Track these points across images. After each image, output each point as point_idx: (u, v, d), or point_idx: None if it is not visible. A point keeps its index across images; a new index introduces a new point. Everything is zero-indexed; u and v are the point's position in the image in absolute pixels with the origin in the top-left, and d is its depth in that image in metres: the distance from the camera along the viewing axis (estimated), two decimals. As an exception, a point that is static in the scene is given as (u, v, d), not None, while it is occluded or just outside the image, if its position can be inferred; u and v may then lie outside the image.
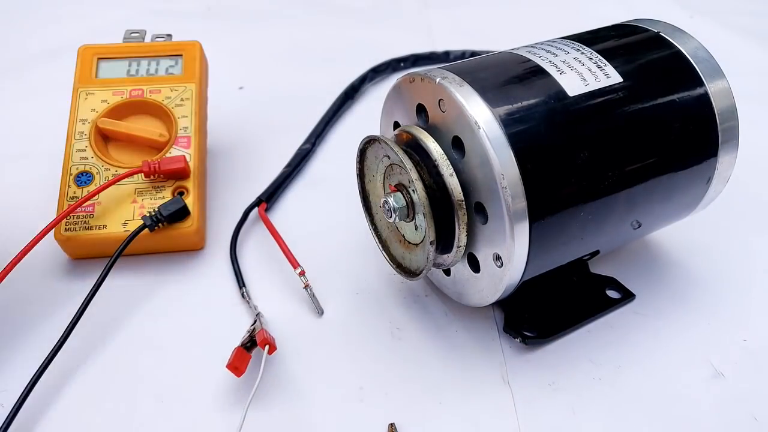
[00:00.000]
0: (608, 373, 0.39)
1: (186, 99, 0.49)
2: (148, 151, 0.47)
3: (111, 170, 0.46)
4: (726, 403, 0.37)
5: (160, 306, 0.43)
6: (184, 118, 0.48)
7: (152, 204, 0.45)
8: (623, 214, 0.37)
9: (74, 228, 0.44)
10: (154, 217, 0.43)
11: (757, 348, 0.40)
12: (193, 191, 0.46)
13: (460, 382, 0.38)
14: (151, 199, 0.45)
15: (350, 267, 0.46)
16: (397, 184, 0.37)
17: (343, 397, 0.37)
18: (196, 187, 0.46)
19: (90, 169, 0.46)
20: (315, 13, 0.85)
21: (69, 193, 0.45)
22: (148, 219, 0.43)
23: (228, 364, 0.36)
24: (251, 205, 0.50)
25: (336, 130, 0.62)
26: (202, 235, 0.47)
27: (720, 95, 0.38)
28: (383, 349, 0.40)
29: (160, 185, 0.46)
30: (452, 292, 0.41)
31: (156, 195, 0.45)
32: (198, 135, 0.48)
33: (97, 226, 0.44)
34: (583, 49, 0.38)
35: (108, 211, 0.45)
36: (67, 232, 0.44)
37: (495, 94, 0.33)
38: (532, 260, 0.34)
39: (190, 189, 0.46)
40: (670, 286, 0.44)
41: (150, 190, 0.45)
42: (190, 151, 0.47)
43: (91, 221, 0.44)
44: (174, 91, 0.49)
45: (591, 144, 0.34)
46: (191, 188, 0.46)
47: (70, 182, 0.45)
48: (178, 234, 0.44)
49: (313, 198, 0.53)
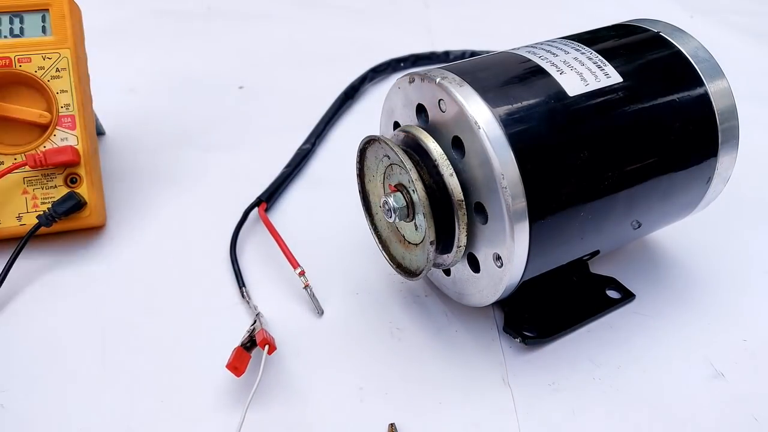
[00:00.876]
0: (608, 373, 0.39)
1: (62, 69, 0.44)
2: (30, 130, 0.44)
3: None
4: (726, 403, 0.37)
5: (160, 306, 0.43)
6: (64, 93, 0.44)
7: (45, 194, 0.44)
8: (623, 214, 0.37)
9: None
10: (49, 215, 0.42)
11: (757, 348, 0.40)
12: (86, 177, 0.44)
13: (460, 382, 0.38)
14: (43, 189, 0.44)
15: (350, 267, 0.46)
16: (397, 184, 0.37)
17: (343, 397, 0.37)
18: (89, 173, 0.44)
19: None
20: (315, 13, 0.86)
21: None
22: (43, 218, 0.43)
23: (228, 364, 0.36)
24: (251, 205, 0.50)
25: (336, 130, 0.62)
26: (101, 215, 0.46)
27: (720, 95, 0.38)
28: (383, 349, 0.40)
29: (50, 173, 0.44)
30: (452, 292, 0.41)
31: (47, 184, 0.44)
32: (82, 112, 0.45)
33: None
34: (583, 49, 0.38)
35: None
36: None
37: (495, 94, 0.33)
38: (532, 260, 0.34)
39: (83, 175, 0.44)
40: (670, 286, 0.44)
41: (40, 179, 0.44)
42: (77, 133, 0.44)
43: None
44: (47, 59, 0.44)
45: (591, 144, 0.34)
46: (84, 174, 0.44)
47: None
48: (77, 222, 0.44)
49: (313, 198, 0.53)
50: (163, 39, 0.79)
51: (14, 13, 0.45)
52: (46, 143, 0.44)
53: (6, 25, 0.45)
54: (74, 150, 0.44)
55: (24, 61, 0.44)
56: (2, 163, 0.44)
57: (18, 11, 0.45)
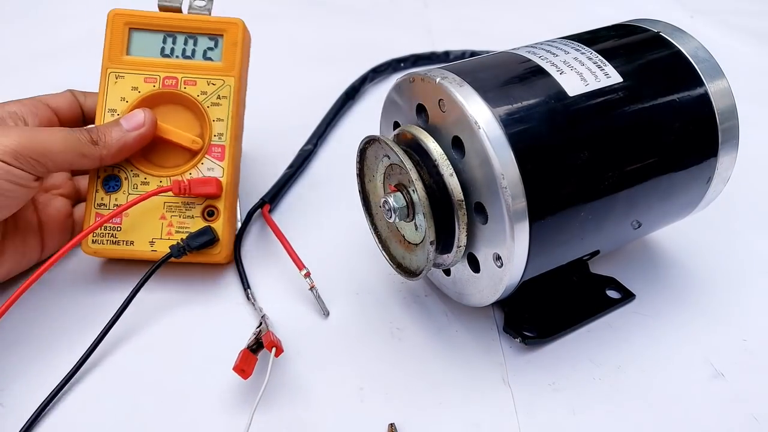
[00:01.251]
0: (608, 373, 0.39)
1: (223, 97, 0.44)
2: (180, 154, 0.44)
3: (140, 177, 0.43)
4: (726, 403, 0.37)
5: (164, 309, 0.43)
6: (220, 123, 0.44)
7: (181, 223, 0.43)
8: (623, 214, 0.37)
9: (101, 241, 0.43)
10: (181, 248, 0.42)
11: (757, 348, 0.40)
12: (223, 213, 0.43)
13: (460, 382, 0.38)
14: (180, 217, 0.43)
15: (350, 267, 0.46)
16: (397, 184, 0.37)
17: (343, 398, 0.37)
18: (227, 209, 0.44)
19: (118, 173, 0.43)
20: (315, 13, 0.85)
21: (97, 199, 0.43)
22: (175, 249, 0.42)
23: (234, 367, 0.36)
24: (255, 206, 0.50)
25: (337, 130, 0.62)
26: (229, 253, 0.44)
27: (720, 95, 0.38)
28: (383, 349, 0.40)
29: (190, 203, 0.43)
30: (452, 292, 0.41)
31: (185, 213, 0.43)
32: (233, 145, 0.44)
33: (125, 241, 0.43)
34: (583, 49, 0.38)
35: (135, 225, 0.43)
36: (94, 245, 0.43)
37: (495, 94, 0.33)
38: (532, 260, 0.34)
39: (221, 210, 0.43)
40: (670, 286, 0.44)
41: (179, 207, 0.43)
42: (224, 165, 0.44)
43: (119, 235, 0.43)
44: (211, 85, 0.44)
45: (591, 144, 0.34)
46: (222, 209, 0.43)
47: (98, 186, 0.43)
48: (205, 257, 0.43)
49: (315, 199, 0.53)
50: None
51: (190, 34, 0.45)
52: (192, 170, 0.44)
53: (180, 45, 0.45)
54: (218, 182, 0.43)
55: (189, 83, 0.44)
56: (147, 183, 0.43)
57: (194, 33, 0.45)
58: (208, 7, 0.46)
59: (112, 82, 0.44)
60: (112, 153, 0.41)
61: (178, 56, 0.45)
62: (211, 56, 0.45)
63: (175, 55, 0.45)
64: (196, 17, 0.45)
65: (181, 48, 0.45)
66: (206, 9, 0.46)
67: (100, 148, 0.40)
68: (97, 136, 0.41)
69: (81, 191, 0.47)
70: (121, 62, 0.45)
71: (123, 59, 0.45)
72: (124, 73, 0.44)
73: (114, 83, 0.44)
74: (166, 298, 0.43)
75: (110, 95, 0.44)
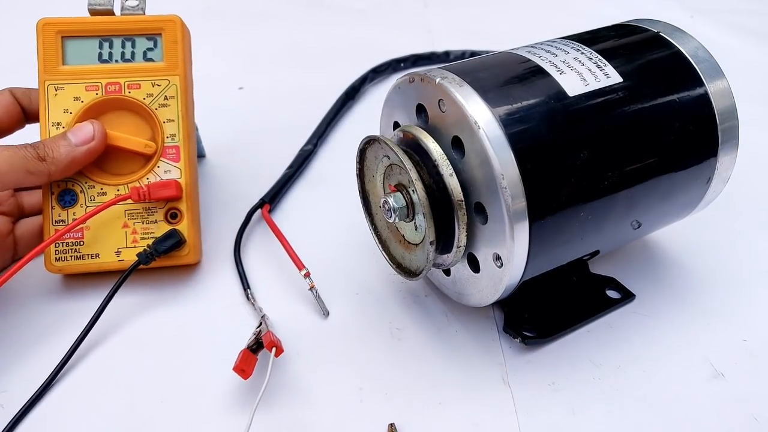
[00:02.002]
0: (608, 373, 0.39)
1: (171, 97, 0.43)
2: (135, 160, 0.43)
3: (96, 188, 0.42)
4: (726, 403, 0.37)
5: (165, 309, 0.43)
6: (171, 123, 0.43)
7: (145, 229, 0.42)
8: (623, 214, 0.37)
9: (65, 258, 0.42)
10: (149, 254, 0.41)
11: (757, 348, 0.40)
12: (186, 214, 0.43)
13: (460, 382, 0.38)
14: (143, 223, 0.42)
15: (350, 267, 0.46)
16: (396, 184, 0.37)
17: (342, 398, 0.37)
18: (189, 209, 0.43)
19: (73, 187, 0.42)
20: (315, 13, 0.86)
21: (54, 215, 0.42)
22: (143, 256, 0.41)
23: (234, 367, 0.36)
24: (255, 206, 0.50)
25: (337, 130, 0.62)
26: (198, 253, 0.44)
27: (720, 95, 0.38)
28: (383, 349, 0.40)
29: (151, 207, 0.43)
30: (452, 292, 0.41)
31: (148, 219, 0.43)
32: (187, 144, 0.44)
33: (90, 255, 0.42)
34: (583, 49, 0.38)
35: (98, 237, 0.42)
36: (58, 263, 0.42)
37: (495, 94, 0.33)
38: (532, 260, 0.34)
39: (184, 212, 0.43)
40: (670, 286, 0.44)
41: (141, 213, 0.43)
42: (180, 166, 0.43)
43: (82, 249, 0.42)
44: (156, 86, 0.43)
45: (591, 144, 0.34)
46: (185, 210, 0.43)
47: (53, 203, 0.42)
48: (174, 259, 0.43)
49: (315, 199, 0.53)
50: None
51: (126, 36, 0.43)
52: (149, 175, 0.43)
53: (118, 49, 0.43)
54: (177, 184, 0.42)
55: (133, 87, 0.43)
56: (105, 194, 0.42)
57: (130, 35, 0.43)
58: (141, 6, 0.44)
59: (52, 94, 0.42)
60: (61, 169, 0.40)
61: (117, 60, 0.43)
62: (152, 57, 0.44)
63: (115, 59, 0.43)
64: (131, 18, 0.43)
65: (119, 52, 0.44)
66: (140, 8, 0.44)
67: (47, 164, 0.39)
68: (44, 152, 0.39)
69: (24, 207, 0.46)
70: (58, 73, 0.43)
71: (60, 70, 0.43)
72: (63, 84, 0.42)
73: (54, 95, 0.42)
74: (167, 299, 0.43)
75: (52, 108, 0.42)
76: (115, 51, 0.43)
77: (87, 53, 0.43)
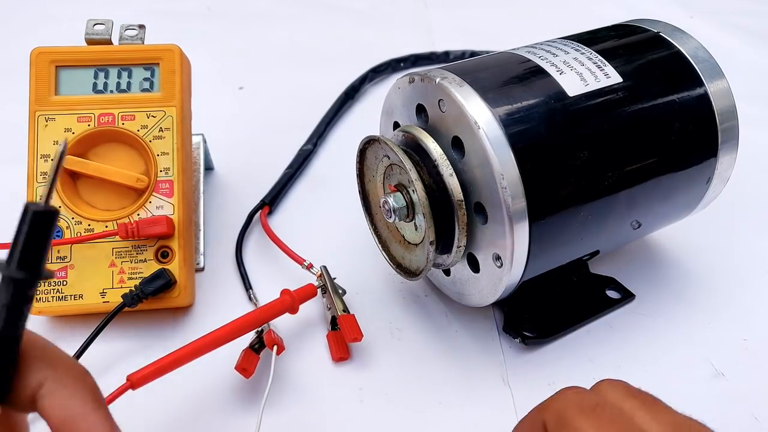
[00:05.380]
0: (608, 373, 0.39)
1: (166, 129, 0.41)
2: (125, 193, 0.41)
3: (83, 223, 0.40)
4: (726, 403, 0.37)
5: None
6: (165, 156, 0.41)
7: (133, 269, 0.40)
8: (623, 214, 0.37)
9: (46, 298, 0.39)
10: (135, 296, 0.38)
11: (757, 348, 0.40)
12: (178, 253, 0.40)
13: (460, 382, 0.38)
14: (132, 262, 0.40)
15: (350, 267, 0.46)
16: (396, 184, 0.37)
17: (343, 397, 0.37)
18: (182, 248, 0.40)
19: (58, 222, 0.39)
20: (315, 13, 0.85)
21: None
22: (128, 298, 0.38)
23: (236, 366, 0.36)
24: (255, 207, 0.50)
25: (336, 130, 0.62)
26: (190, 295, 0.42)
27: (720, 95, 0.38)
28: (383, 349, 0.40)
29: (141, 245, 0.40)
30: (452, 292, 0.41)
31: (137, 257, 0.40)
32: (182, 178, 0.41)
33: (73, 296, 0.39)
34: (583, 49, 0.38)
35: (83, 277, 0.39)
36: (38, 303, 0.39)
37: (495, 94, 0.33)
38: (532, 260, 0.34)
39: (175, 250, 0.40)
40: (670, 286, 0.44)
41: (129, 251, 0.40)
42: (173, 201, 0.41)
43: (65, 290, 0.39)
44: (151, 117, 0.41)
45: (591, 144, 0.34)
46: (176, 249, 0.40)
47: None
48: (164, 301, 0.40)
49: (314, 199, 0.53)
50: (163, 39, 0.79)
51: (123, 66, 0.42)
52: (140, 210, 0.40)
53: (113, 79, 0.42)
54: (169, 221, 0.40)
55: (127, 118, 0.41)
56: (92, 230, 0.40)
57: (127, 65, 0.42)
58: (140, 36, 0.43)
59: (42, 125, 0.41)
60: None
61: (112, 91, 0.42)
62: (148, 87, 0.42)
63: (110, 89, 0.42)
64: (128, 47, 0.42)
65: (115, 82, 0.42)
66: (138, 38, 0.43)
67: None
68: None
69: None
70: (50, 103, 0.41)
71: (51, 100, 0.41)
72: (54, 115, 0.41)
73: (44, 126, 0.40)
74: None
75: (41, 140, 0.40)
76: (111, 81, 0.42)
77: (81, 83, 0.42)
